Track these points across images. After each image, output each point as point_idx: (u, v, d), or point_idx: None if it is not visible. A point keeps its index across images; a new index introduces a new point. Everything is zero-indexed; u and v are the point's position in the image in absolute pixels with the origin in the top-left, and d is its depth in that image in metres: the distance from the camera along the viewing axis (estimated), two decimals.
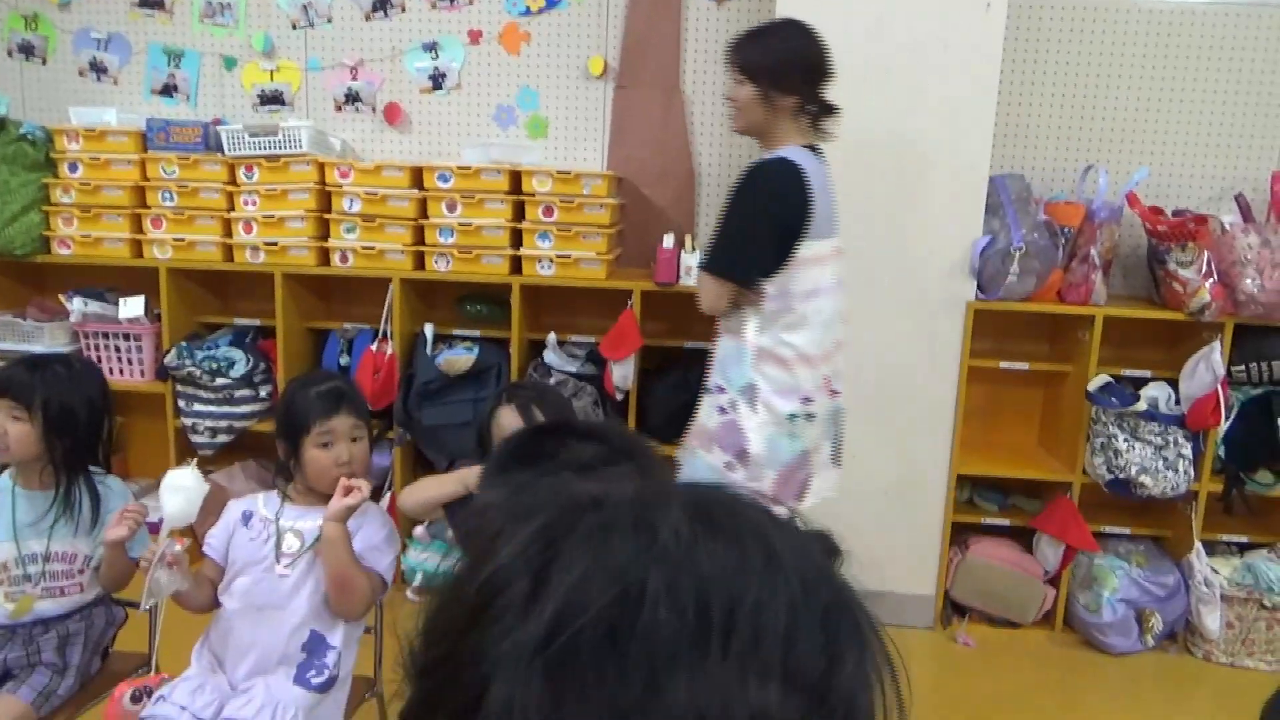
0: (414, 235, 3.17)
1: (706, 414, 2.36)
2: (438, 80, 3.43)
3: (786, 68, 2.24)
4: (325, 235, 3.20)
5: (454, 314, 3.41)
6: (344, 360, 3.27)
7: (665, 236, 3.14)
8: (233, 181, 3.18)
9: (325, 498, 1.96)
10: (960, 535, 3.25)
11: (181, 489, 1.77)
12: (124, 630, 2.13)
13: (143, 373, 3.26)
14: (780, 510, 0.51)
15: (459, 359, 3.11)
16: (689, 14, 3.34)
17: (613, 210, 3.14)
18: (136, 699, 1.79)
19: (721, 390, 2.34)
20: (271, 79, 3.47)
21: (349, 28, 3.42)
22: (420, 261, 3.19)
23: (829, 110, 2.32)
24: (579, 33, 3.37)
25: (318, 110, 3.47)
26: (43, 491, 2.00)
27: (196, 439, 3.23)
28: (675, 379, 3.16)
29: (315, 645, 1.89)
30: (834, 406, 2.42)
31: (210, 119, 3.36)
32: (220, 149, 3.18)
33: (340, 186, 3.13)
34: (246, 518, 1.96)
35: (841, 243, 2.41)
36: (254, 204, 3.16)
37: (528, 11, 3.36)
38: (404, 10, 3.39)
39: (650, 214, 3.42)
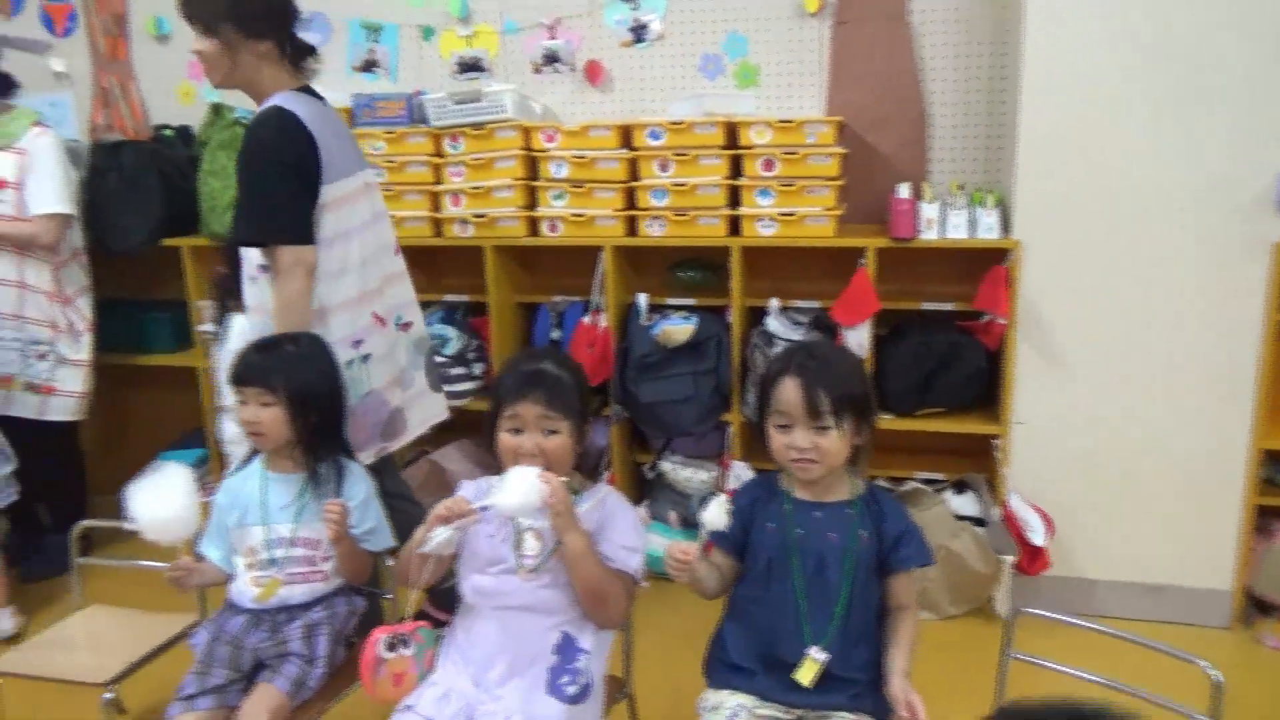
0: (625, 199, 2.98)
1: None
2: (639, 33, 3.21)
3: (249, 12, 2.11)
4: (533, 204, 3.06)
5: (663, 281, 3.21)
6: (555, 334, 3.14)
7: (899, 186, 2.81)
8: (438, 153, 3.09)
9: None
10: (1264, 520, 2.77)
11: (537, 491, 1.63)
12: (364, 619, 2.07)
13: None
14: None
15: (678, 329, 2.91)
16: None
17: (839, 160, 2.84)
18: (391, 646, 1.70)
19: None
20: (469, 45, 3.35)
21: None
22: (632, 227, 3.00)
23: (306, 50, 2.24)
24: None
25: (516, 74, 3.33)
26: (291, 474, 1.98)
27: None
28: (915, 344, 2.84)
29: (566, 648, 1.73)
30: (407, 338, 2.40)
31: (411, 91, 3.28)
32: (424, 121, 3.09)
33: (547, 151, 2.98)
34: (483, 509, 1.82)
35: (373, 175, 2.35)
36: (461, 175, 3.05)
37: None
38: None
39: (875, 162, 3.09)
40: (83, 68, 3.75)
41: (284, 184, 2.11)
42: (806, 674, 1.62)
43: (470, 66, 3.36)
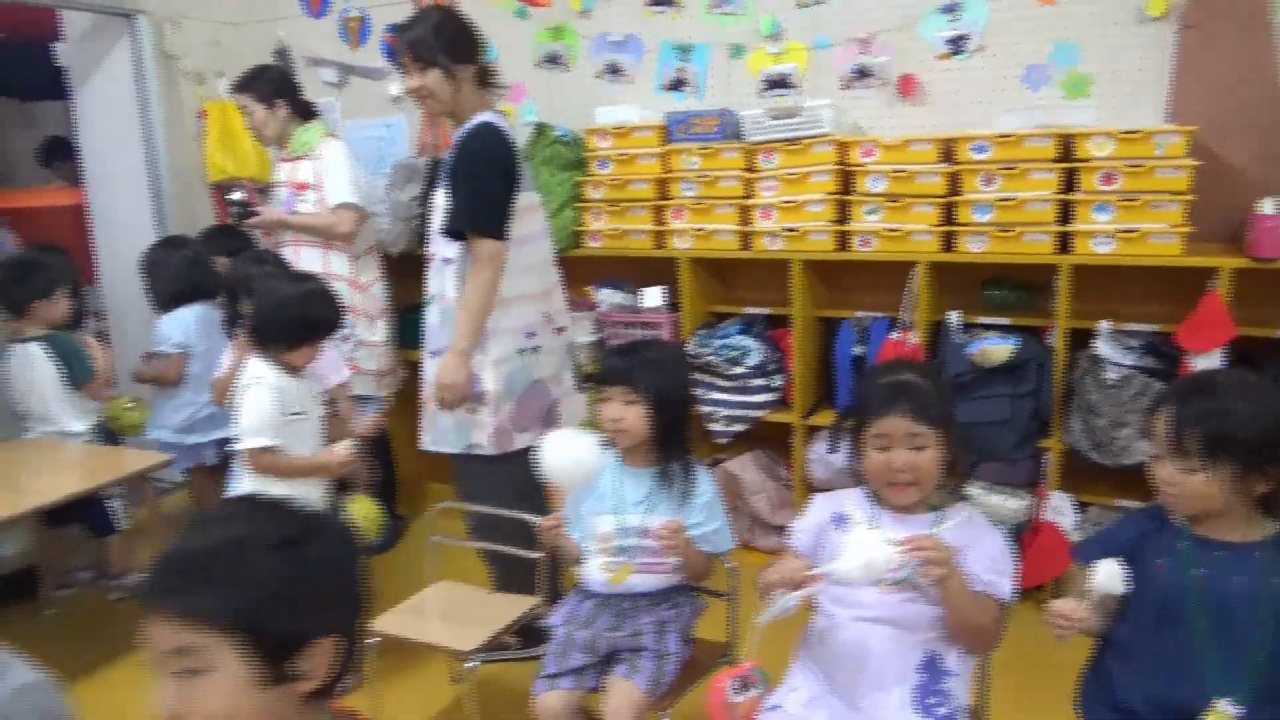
0: (942, 214, 2.91)
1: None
2: (957, 45, 3.13)
3: (455, 41, 2.46)
4: (844, 219, 3.05)
5: (974, 299, 3.10)
6: (858, 350, 3.11)
7: (1263, 201, 2.57)
8: (750, 168, 3.15)
9: (924, 504, 1.78)
10: None
11: (883, 562, 1.59)
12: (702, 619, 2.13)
13: None
14: None
15: (996, 349, 2.80)
16: None
17: (1190, 173, 2.63)
18: (738, 690, 1.72)
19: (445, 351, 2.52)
20: (778, 62, 3.40)
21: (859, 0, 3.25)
22: (948, 243, 2.93)
23: (494, 74, 2.58)
24: None
25: (823, 90, 3.33)
26: (644, 469, 2.07)
27: (713, 427, 3.25)
28: (1275, 375, 2.58)
29: (931, 667, 1.70)
30: (560, 340, 2.72)
31: (718, 110, 3.36)
32: (738, 137, 3.16)
33: (863, 166, 2.96)
34: (838, 520, 1.83)
35: (538, 197, 2.70)
36: (773, 190, 3.10)
37: None
38: None
39: (1225, 175, 2.83)
40: None
41: (496, 186, 2.48)
42: None
43: (777, 83, 3.40)
